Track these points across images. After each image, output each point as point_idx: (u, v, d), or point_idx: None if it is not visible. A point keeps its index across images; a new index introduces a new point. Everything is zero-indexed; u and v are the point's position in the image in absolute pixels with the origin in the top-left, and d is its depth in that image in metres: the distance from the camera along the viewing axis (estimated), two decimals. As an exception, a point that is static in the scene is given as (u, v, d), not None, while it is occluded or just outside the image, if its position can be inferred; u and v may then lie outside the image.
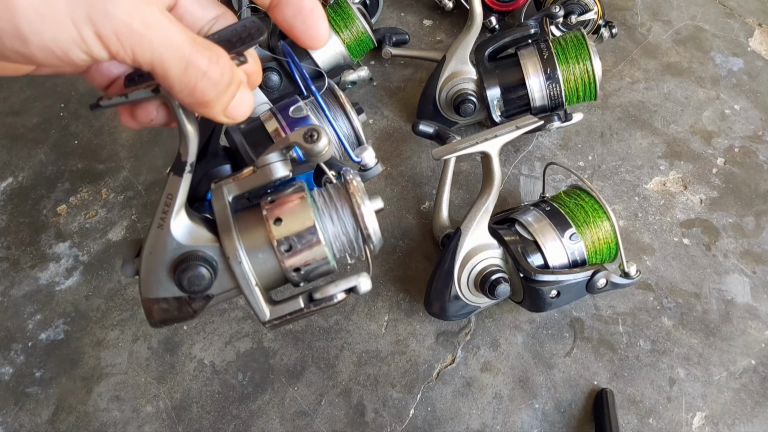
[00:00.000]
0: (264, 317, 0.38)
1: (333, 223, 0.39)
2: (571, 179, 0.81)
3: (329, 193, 0.40)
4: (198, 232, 0.38)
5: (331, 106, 0.58)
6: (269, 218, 0.37)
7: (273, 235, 0.37)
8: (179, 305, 0.40)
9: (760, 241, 0.77)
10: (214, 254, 0.38)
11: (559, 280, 0.61)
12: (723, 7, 1.00)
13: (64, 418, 0.66)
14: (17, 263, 0.75)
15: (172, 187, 0.37)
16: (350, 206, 0.39)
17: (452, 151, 0.63)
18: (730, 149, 0.84)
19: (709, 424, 0.65)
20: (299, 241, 0.37)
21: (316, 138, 0.36)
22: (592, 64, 0.73)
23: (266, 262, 0.37)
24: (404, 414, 0.66)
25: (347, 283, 0.38)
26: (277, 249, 0.37)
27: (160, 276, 0.38)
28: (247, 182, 0.38)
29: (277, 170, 0.38)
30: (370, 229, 0.39)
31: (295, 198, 0.38)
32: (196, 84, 0.29)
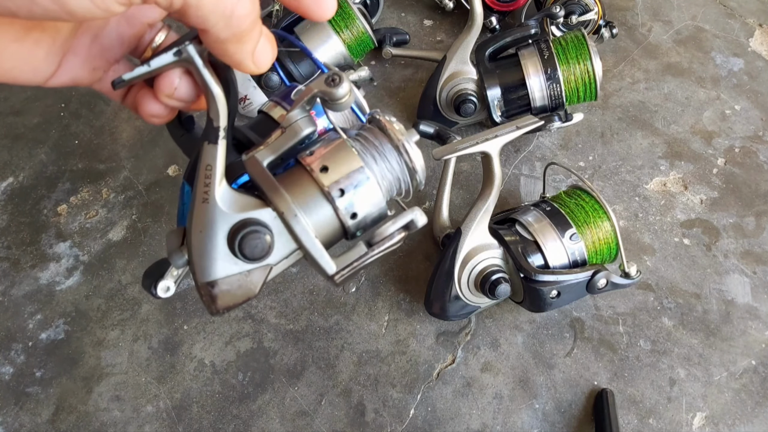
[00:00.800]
0: (331, 270, 0.36)
1: (377, 162, 0.37)
2: (571, 179, 0.81)
3: (364, 136, 0.38)
4: (244, 200, 0.36)
5: None
6: (314, 169, 0.36)
7: (323, 183, 0.35)
8: (241, 282, 0.37)
9: (760, 241, 0.77)
10: (266, 219, 0.36)
11: (560, 280, 0.61)
12: (723, 7, 1.00)
13: (64, 418, 0.66)
14: (18, 263, 0.75)
15: (209, 157, 0.35)
16: (390, 142, 0.37)
17: (453, 151, 0.63)
18: (731, 149, 0.84)
19: (710, 425, 0.65)
20: (351, 183, 0.36)
21: (339, 81, 0.34)
22: (592, 64, 0.73)
23: (322, 214, 0.36)
24: (404, 414, 0.66)
25: (403, 219, 0.37)
26: (330, 196, 0.35)
27: (216, 254, 0.36)
28: (278, 144, 0.37)
29: (304, 125, 0.37)
30: (415, 161, 0.38)
31: (334, 144, 0.37)
32: (233, 10, 0.28)
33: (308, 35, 0.81)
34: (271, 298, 0.73)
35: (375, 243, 0.37)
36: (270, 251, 0.36)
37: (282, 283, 0.74)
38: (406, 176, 0.38)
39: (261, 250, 0.35)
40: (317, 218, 0.36)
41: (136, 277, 0.74)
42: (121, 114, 0.87)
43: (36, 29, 0.31)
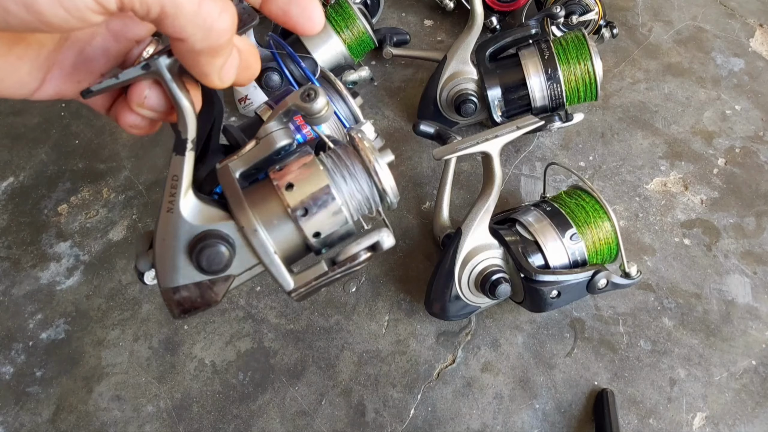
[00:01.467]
0: (288, 286, 0.37)
1: (346, 181, 0.37)
2: (571, 179, 0.81)
3: (337, 154, 0.38)
4: (209, 211, 0.36)
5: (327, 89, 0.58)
6: (281, 185, 0.36)
7: (287, 202, 0.36)
8: (201, 291, 0.38)
9: (760, 241, 0.77)
10: (229, 232, 0.36)
11: (560, 280, 0.61)
12: (724, 7, 1.00)
13: (64, 418, 0.66)
14: (18, 263, 0.75)
15: (176, 168, 0.35)
16: (361, 162, 0.37)
17: (453, 151, 0.63)
18: (731, 150, 0.84)
19: (710, 425, 0.65)
20: (315, 203, 0.36)
21: (314, 96, 0.35)
22: (593, 65, 0.73)
23: (284, 231, 0.36)
24: (405, 414, 0.66)
25: (369, 239, 0.37)
26: (293, 215, 0.36)
27: (176, 262, 0.37)
28: (251, 156, 0.37)
29: (279, 138, 0.37)
30: (385, 183, 0.37)
31: (303, 161, 0.37)
32: (213, 24, 0.28)
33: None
34: (271, 298, 0.73)
35: (339, 261, 0.37)
36: (228, 264, 0.36)
37: (282, 283, 0.74)
38: (375, 197, 0.38)
39: (218, 264, 0.36)
40: (279, 234, 0.36)
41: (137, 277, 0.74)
42: (121, 114, 0.87)
43: (20, 44, 0.31)
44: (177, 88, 0.33)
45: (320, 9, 0.33)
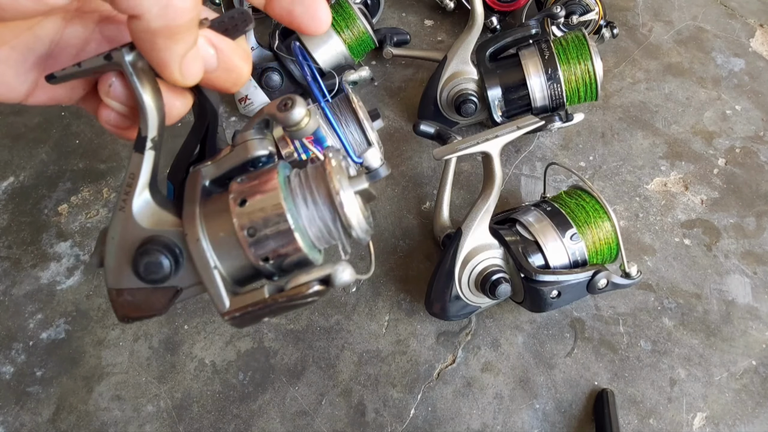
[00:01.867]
0: (223, 307, 0.33)
1: (307, 206, 0.33)
2: (572, 179, 0.81)
3: (306, 173, 0.34)
4: (163, 215, 0.34)
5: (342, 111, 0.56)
6: (235, 199, 0.33)
7: (235, 218, 0.33)
8: (146, 298, 0.35)
9: (761, 241, 0.77)
10: (179, 240, 0.34)
11: (560, 280, 0.61)
12: (724, 7, 1.00)
13: (65, 418, 0.66)
14: (18, 262, 0.75)
15: (134, 166, 0.34)
16: (326, 188, 0.33)
17: (453, 151, 0.63)
18: (731, 150, 0.84)
19: (710, 425, 0.65)
20: (264, 225, 0.32)
21: (290, 106, 0.32)
22: (593, 65, 0.73)
23: (230, 249, 0.33)
24: (405, 414, 0.66)
25: (321, 271, 0.33)
26: (239, 233, 0.32)
27: (121, 264, 0.34)
28: (224, 162, 0.35)
29: (255, 147, 0.34)
30: (349, 214, 0.33)
31: (264, 176, 0.34)
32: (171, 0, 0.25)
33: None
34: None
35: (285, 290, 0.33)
36: (169, 275, 0.33)
37: (282, 282, 0.74)
38: (339, 230, 0.34)
39: (155, 274, 0.33)
40: (224, 251, 0.33)
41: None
42: (121, 114, 0.87)
43: (3, 47, 0.30)
44: (138, 82, 0.31)
45: (326, 8, 0.31)
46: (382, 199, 0.80)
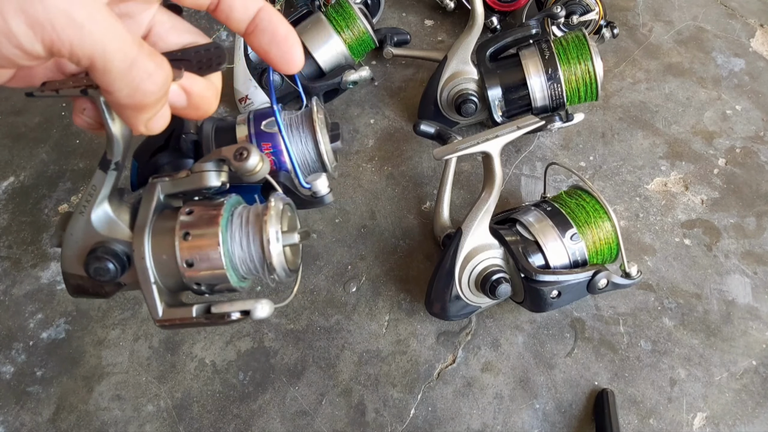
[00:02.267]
0: (156, 315, 0.39)
1: (242, 248, 0.39)
2: (572, 179, 0.81)
3: (247, 218, 0.40)
4: (117, 225, 0.40)
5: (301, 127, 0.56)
6: (180, 229, 0.39)
7: (178, 249, 0.38)
8: (93, 284, 0.41)
9: (761, 241, 0.77)
10: (127, 248, 0.39)
11: (560, 280, 0.61)
12: (724, 7, 1.00)
13: (65, 417, 0.66)
14: (19, 262, 0.75)
15: (97, 181, 0.39)
16: (260, 237, 0.39)
17: (453, 151, 0.63)
18: (732, 150, 0.84)
19: (710, 425, 0.65)
20: (201, 259, 0.38)
21: (246, 156, 0.37)
22: (593, 65, 0.73)
23: (169, 268, 0.39)
24: (405, 414, 0.66)
25: (243, 305, 0.38)
26: (179, 261, 0.38)
27: (76, 256, 0.40)
28: (180, 183, 0.40)
29: (209, 178, 0.39)
30: (275, 262, 0.39)
31: (209, 216, 0.39)
32: (140, 84, 0.28)
33: (309, 35, 0.81)
34: (272, 298, 0.72)
35: (211, 314, 0.39)
36: (114, 278, 0.39)
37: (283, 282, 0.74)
38: (265, 271, 0.40)
39: (101, 276, 0.39)
40: (165, 270, 0.39)
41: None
42: (122, 114, 0.87)
43: None
44: (108, 117, 0.35)
45: (300, 51, 0.34)
46: (382, 199, 0.80)
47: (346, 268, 0.75)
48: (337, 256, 0.76)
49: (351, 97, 0.89)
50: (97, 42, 0.26)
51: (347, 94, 0.89)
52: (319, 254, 0.76)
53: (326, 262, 0.75)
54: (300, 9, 0.83)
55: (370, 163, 0.83)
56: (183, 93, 0.33)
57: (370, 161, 0.83)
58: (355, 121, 0.87)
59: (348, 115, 0.88)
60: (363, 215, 0.79)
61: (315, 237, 0.77)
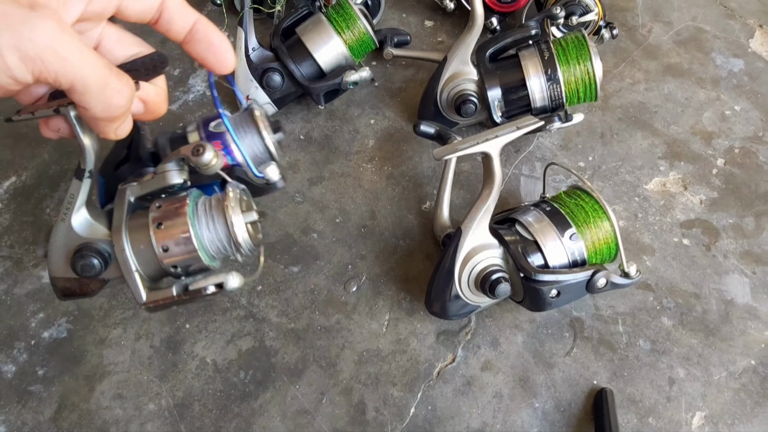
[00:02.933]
0: (141, 299, 0.45)
1: (209, 230, 0.46)
2: (571, 179, 0.81)
3: (210, 203, 0.47)
4: (96, 227, 0.46)
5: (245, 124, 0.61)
6: (153, 221, 0.45)
7: (153, 237, 0.45)
8: (80, 284, 0.47)
9: (760, 241, 0.77)
10: (108, 246, 0.45)
11: (559, 279, 0.61)
12: (724, 8, 1.01)
13: (66, 416, 0.66)
14: (20, 262, 0.75)
15: (74, 189, 0.45)
16: (223, 217, 0.46)
17: (453, 152, 0.64)
18: (731, 150, 0.85)
19: (709, 424, 0.65)
20: (175, 244, 0.45)
21: (202, 152, 0.44)
22: (592, 65, 0.73)
23: (147, 257, 0.45)
24: (405, 413, 0.66)
25: (216, 278, 0.45)
26: (156, 248, 0.45)
27: (62, 260, 0.46)
28: (147, 185, 0.46)
29: (172, 177, 0.46)
30: (239, 238, 0.46)
31: (177, 206, 0.46)
32: (111, 101, 0.34)
33: (310, 36, 0.81)
34: (272, 297, 0.73)
35: (189, 291, 0.45)
36: (99, 273, 0.45)
37: (283, 282, 0.74)
38: (232, 247, 0.47)
39: (88, 272, 0.44)
40: (143, 258, 0.45)
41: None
42: (123, 114, 0.87)
43: None
44: (80, 131, 0.40)
45: (232, 54, 0.41)
46: (382, 198, 0.80)
47: (347, 267, 0.75)
48: (337, 255, 0.76)
49: (351, 97, 0.90)
50: (77, 70, 0.32)
51: (348, 94, 0.89)
52: (320, 254, 0.76)
53: (326, 261, 0.75)
54: (300, 10, 0.83)
55: (371, 163, 0.84)
56: (140, 102, 0.39)
57: (370, 161, 0.84)
58: (356, 122, 0.87)
59: (348, 116, 0.88)
60: (363, 215, 0.79)
61: (315, 237, 0.77)
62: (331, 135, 0.86)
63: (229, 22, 0.96)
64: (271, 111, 0.84)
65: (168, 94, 0.42)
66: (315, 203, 0.80)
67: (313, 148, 0.85)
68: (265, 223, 0.78)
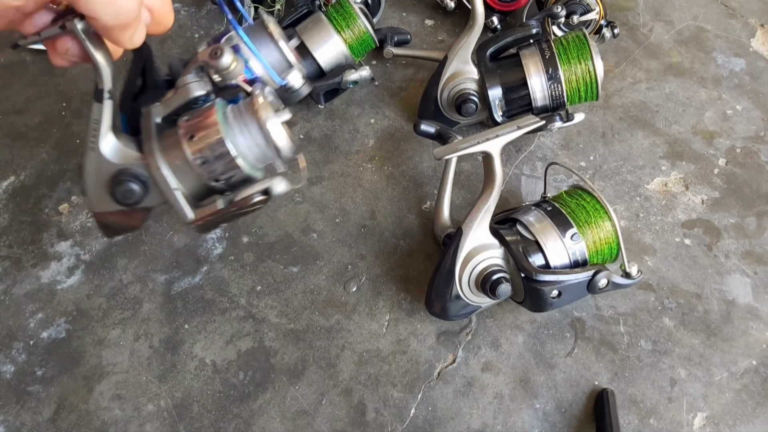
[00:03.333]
0: (187, 218, 0.43)
1: (244, 136, 0.43)
2: (572, 179, 0.81)
3: (239, 109, 0.43)
4: (127, 151, 0.43)
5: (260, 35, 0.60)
6: (184, 135, 0.42)
7: (187, 150, 0.42)
8: (125, 216, 0.45)
9: (761, 241, 0.77)
10: (143, 171, 0.42)
11: (561, 280, 0.61)
12: (725, 7, 1.00)
13: (65, 417, 0.66)
14: (19, 262, 0.75)
15: (96, 114, 0.42)
16: (257, 120, 0.42)
17: (454, 151, 0.63)
18: (732, 150, 0.84)
19: (710, 425, 0.65)
20: (211, 153, 0.42)
21: (220, 55, 0.42)
22: (593, 64, 0.73)
23: (186, 173, 0.42)
24: (405, 413, 0.66)
25: (261, 185, 0.42)
26: (193, 162, 0.42)
27: (101, 193, 0.43)
28: (171, 103, 0.44)
29: (194, 89, 0.43)
30: (276, 140, 0.42)
31: (205, 114, 0.43)
32: (120, 6, 0.33)
33: (309, 34, 0.81)
34: (272, 298, 0.73)
35: (234, 201, 0.42)
36: (141, 199, 0.42)
37: (283, 282, 0.74)
38: (270, 152, 0.43)
39: (129, 198, 0.42)
40: (182, 175, 0.42)
41: (138, 276, 0.74)
42: (122, 113, 0.87)
43: None
44: (91, 46, 0.38)
45: None
46: (382, 198, 0.80)
47: (347, 267, 0.75)
48: (337, 255, 0.76)
49: (351, 96, 0.89)
50: None
51: (348, 93, 0.89)
52: (320, 254, 0.76)
53: (326, 261, 0.75)
54: (300, 9, 0.83)
55: (371, 162, 0.83)
56: (147, 11, 0.38)
57: (370, 161, 0.83)
58: (356, 121, 0.87)
59: (348, 115, 0.88)
60: (363, 215, 0.79)
61: (315, 237, 0.77)
62: (331, 134, 0.86)
63: (229, 21, 0.96)
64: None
65: None
66: (315, 203, 0.80)
67: (313, 147, 0.85)
68: (262, 221, 0.78)
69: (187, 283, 0.73)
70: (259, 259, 0.75)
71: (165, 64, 0.60)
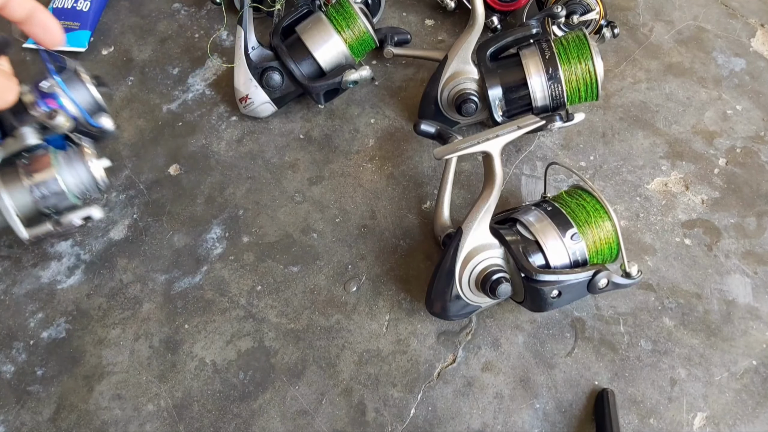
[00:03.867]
0: (24, 236, 0.62)
1: (72, 175, 0.63)
2: (572, 179, 0.81)
3: (69, 155, 0.63)
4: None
5: (73, 82, 0.69)
6: (26, 173, 0.61)
7: (26, 184, 0.60)
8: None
9: (761, 241, 0.77)
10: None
11: (561, 280, 0.61)
12: (725, 7, 1.00)
13: (65, 417, 0.66)
14: (19, 261, 0.75)
15: None
16: (83, 164, 0.63)
17: (454, 151, 0.63)
18: (732, 150, 0.84)
19: (710, 425, 0.65)
20: (47, 187, 0.61)
21: (55, 116, 0.59)
22: (594, 64, 0.73)
23: (25, 202, 0.61)
24: (405, 413, 0.66)
25: (83, 212, 0.64)
26: (31, 193, 0.61)
27: None
28: (9, 146, 0.60)
29: (28, 138, 0.60)
30: (98, 179, 0.64)
31: (42, 158, 0.62)
32: None
33: (309, 35, 0.81)
34: (272, 298, 0.73)
35: (61, 223, 0.63)
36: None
37: (283, 282, 0.74)
38: (94, 186, 0.65)
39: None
40: (22, 204, 0.61)
41: (138, 276, 0.74)
42: (122, 113, 0.87)
43: None
44: None
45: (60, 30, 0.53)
46: (382, 198, 0.80)
47: (347, 267, 0.75)
48: (337, 255, 0.76)
49: (351, 96, 0.89)
50: None
51: (348, 93, 0.89)
52: (319, 254, 0.76)
53: (326, 261, 0.75)
54: (300, 8, 0.83)
55: (371, 162, 0.83)
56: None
57: (370, 161, 0.83)
58: (356, 121, 0.87)
59: (348, 115, 0.88)
60: (363, 215, 0.79)
61: (315, 236, 0.77)
62: (331, 134, 0.86)
63: (229, 21, 0.96)
64: (270, 110, 0.84)
65: (16, 81, 0.49)
66: (315, 203, 0.80)
67: (313, 147, 0.85)
68: (262, 221, 0.78)
69: (187, 283, 0.73)
70: (259, 259, 0.75)
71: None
